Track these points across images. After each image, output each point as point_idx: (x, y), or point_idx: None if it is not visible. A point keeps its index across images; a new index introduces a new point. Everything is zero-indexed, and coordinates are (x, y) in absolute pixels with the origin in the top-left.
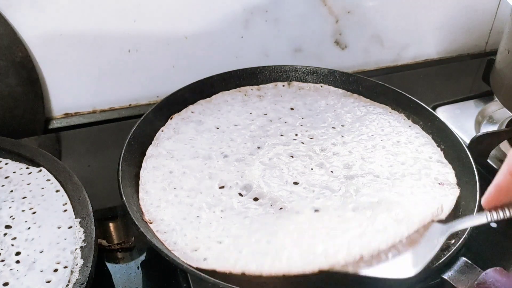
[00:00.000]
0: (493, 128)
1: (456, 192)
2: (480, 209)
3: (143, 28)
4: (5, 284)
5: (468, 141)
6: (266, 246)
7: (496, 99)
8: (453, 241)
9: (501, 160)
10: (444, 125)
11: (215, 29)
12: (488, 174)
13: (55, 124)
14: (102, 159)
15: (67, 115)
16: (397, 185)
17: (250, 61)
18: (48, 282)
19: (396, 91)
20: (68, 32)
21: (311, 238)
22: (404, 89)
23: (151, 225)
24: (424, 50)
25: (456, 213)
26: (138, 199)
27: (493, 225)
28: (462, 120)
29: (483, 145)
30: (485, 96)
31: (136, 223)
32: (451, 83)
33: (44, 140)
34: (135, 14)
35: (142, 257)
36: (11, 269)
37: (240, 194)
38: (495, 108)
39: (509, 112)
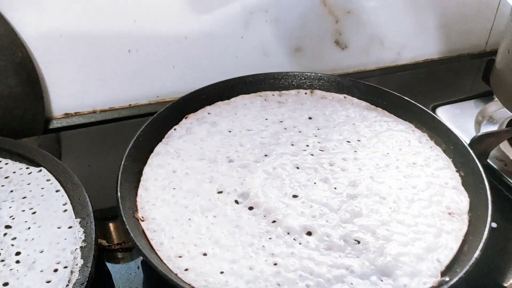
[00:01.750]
0: (493, 128)
1: (463, 228)
2: (485, 245)
3: (143, 28)
4: (5, 284)
5: (468, 141)
6: (247, 272)
7: (496, 99)
8: (447, 278)
9: (501, 160)
10: (467, 150)
11: (215, 29)
12: (488, 175)
13: (55, 124)
14: (102, 159)
15: (67, 115)
16: (402, 212)
17: (250, 61)
18: (48, 282)
19: (422, 109)
20: (68, 32)
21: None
22: (404, 89)
23: (142, 223)
24: (424, 50)
25: (461, 248)
26: (136, 195)
27: (493, 225)
28: (462, 120)
29: (483, 145)
30: (485, 96)
31: (124, 219)
32: (451, 83)
33: (44, 140)
34: (135, 14)
35: (142, 257)
36: (11, 269)
37: (237, 202)
38: (495, 108)
39: (509, 112)
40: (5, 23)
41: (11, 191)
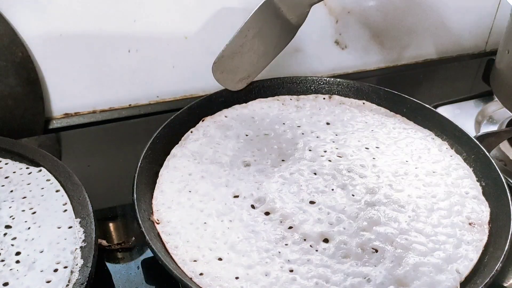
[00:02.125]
0: (493, 128)
1: (483, 239)
2: (507, 258)
3: (143, 28)
4: (5, 284)
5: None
6: (263, 278)
7: (496, 99)
8: None
9: (501, 160)
10: (489, 160)
11: (215, 29)
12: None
13: (55, 124)
14: (102, 159)
15: (67, 115)
16: (421, 222)
17: None
18: (48, 282)
19: (442, 117)
20: (68, 32)
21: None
22: (404, 89)
23: (158, 225)
24: (424, 50)
25: (482, 259)
26: (152, 197)
27: None
28: (462, 120)
29: (483, 145)
30: (485, 96)
31: (140, 222)
32: (451, 83)
33: (44, 140)
34: (135, 14)
35: (142, 257)
36: (11, 269)
37: (253, 206)
38: (495, 108)
39: (509, 112)
40: (5, 23)
41: (11, 191)
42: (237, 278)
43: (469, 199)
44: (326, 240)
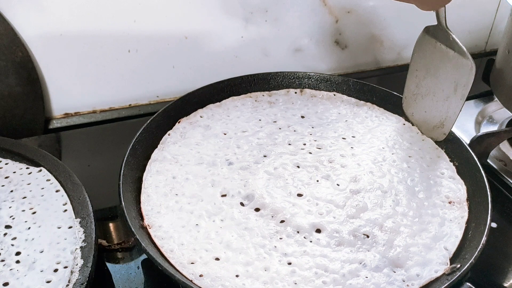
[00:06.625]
0: (493, 128)
1: (464, 216)
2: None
3: (143, 28)
4: (5, 284)
5: (468, 141)
6: (263, 273)
7: (496, 99)
8: (458, 265)
9: (501, 160)
10: (459, 140)
11: (215, 29)
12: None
13: (55, 124)
14: (102, 159)
15: (67, 115)
16: (404, 205)
17: (250, 61)
18: (48, 282)
19: None
20: (68, 32)
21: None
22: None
23: (150, 230)
24: None
25: (465, 235)
26: (139, 202)
27: (493, 225)
28: (462, 120)
29: (483, 145)
30: (485, 96)
31: (133, 230)
32: None
33: (44, 140)
34: (135, 14)
35: (142, 257)
36: (11, 269)
37: (242, 204)
38: (495, 108)
39: (509, 112)
40: (5, 22)
41: (11, 191)
42: (237, 276)
43: (445, 180)
44: (318, 231)
